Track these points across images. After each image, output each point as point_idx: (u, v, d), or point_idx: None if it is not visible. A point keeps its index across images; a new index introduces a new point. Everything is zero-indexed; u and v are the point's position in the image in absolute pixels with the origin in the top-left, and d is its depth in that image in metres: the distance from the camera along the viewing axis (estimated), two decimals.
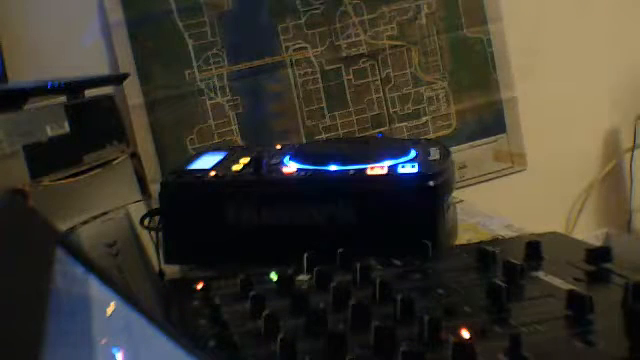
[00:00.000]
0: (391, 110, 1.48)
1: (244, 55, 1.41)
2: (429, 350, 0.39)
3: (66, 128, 0.97)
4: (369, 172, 0.62)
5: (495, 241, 0.64)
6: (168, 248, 0.66)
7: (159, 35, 1.37)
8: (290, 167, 0.66)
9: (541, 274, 0.51)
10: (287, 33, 1.43)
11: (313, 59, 1.44)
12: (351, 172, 0.63)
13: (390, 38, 1.47)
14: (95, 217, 0.90)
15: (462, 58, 1.51)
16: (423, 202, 0.61)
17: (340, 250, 0.55)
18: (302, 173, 0.64)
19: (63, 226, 0.84)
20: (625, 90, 1.59)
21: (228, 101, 1.41)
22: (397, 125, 1.49)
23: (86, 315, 0.31)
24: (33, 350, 0.24)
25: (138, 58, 1.36)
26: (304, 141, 1.41)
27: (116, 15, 1.34)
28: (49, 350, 0.25)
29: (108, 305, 0.32)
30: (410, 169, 0.62)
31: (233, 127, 1.42)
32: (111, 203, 0.97)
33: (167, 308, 0.57)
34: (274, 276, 0.53)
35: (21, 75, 1.23)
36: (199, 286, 0.53)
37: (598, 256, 0.52)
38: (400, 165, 0.64)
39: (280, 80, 1.44)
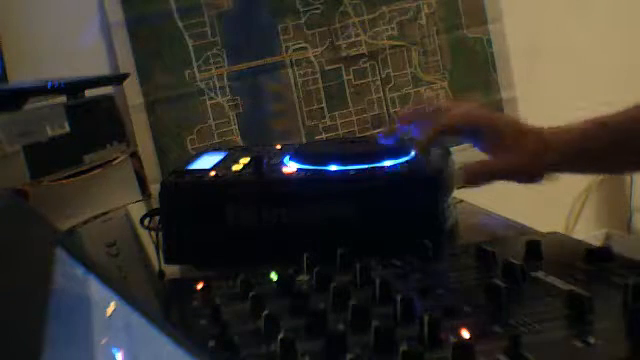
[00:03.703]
0: (391, 110, 1.48)
1: (244, 55, 1.42)
2: (429, 350, 0.39)
3: (66, 128, 0.97)
4: (369, 172, 0.62)
5: (495, 241, 0.64)
6: (168, 248, 0.65)
7: (159, 35, 1.37)
8: (290, 167, 0.66)
9: (541, 274, 0.51)
10: (287, 33, 1.43)
11: (313, 59, 1.44)
12: (351, 172, 0.63)
13: (390, 38, 1.47)
14: (95, 217, 0.90)
15: (462, 58, 1.51)
16: (423, 202, 0.61)
17: (340, 250, 0.55)
18: (302, 173, 0.64)
19: (63, 226, 0.84)
20: (625, 90, 1.59)
21: (228, 101, 1.41)
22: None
23: (86, 315, 0.31)
24: (33, 350, 0.24)
25: (138, 58, 1.36)
26: (304, 141, 1.41)
27: (116, 15, 1.34)
28: (49, 350, 0.25)
29: (108, 305, 0.32)
30: (410, 169, 0.62)
31: (233, 127, 1.42)
32: (111, 203, 0.97)
33: (167, 308, 0.57)
34: (274, 276, 0.53)
35: (21, 75, 1.23)
36: (199, 286, 0.53)
37: (598, 256, 0.52)
38: (400, 165, 0.64)
39: (280, 80, 1.44)
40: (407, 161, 0.65)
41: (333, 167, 0.64)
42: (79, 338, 0.30)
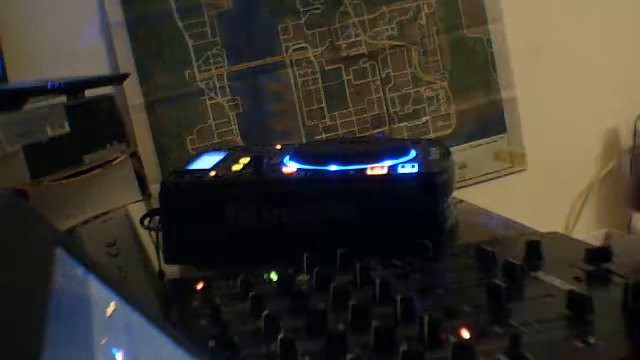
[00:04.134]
0: (391, 110, 1.48)
1: (244, 55, 1.41)
2: (429, 350, 0.39)
3: (66, 128, 0.97)
4: (369, 172, 0.62)
5: (495, 241, 0.64)
6: (168, 248, 0.65)
7: (159, 35, 1.37)
8: (290, 167, 0.66)
9: (541, 274, 0.51)
10: (287, 33, 1.43)
11: (313, 59, 1.44)
12: (351, 172, 0.63)
13: (390, 38, 1.47)
14: (95, 217, 0.90)
15: (462, 58, 1.51)
16: (423, 202, 0.61)
17: (340, 250, 0.55)
18: (302, 173, 0.64)
19: (63, 226, 0.84)
20: (625, 90, 1.59)
21: (228, 101, 1.41)
22: (397, 125, 1.49)
23: (86, 315, 0.31)
24: (33, 350, 0.24)
25: (138, 58, 1.36)
26: (304, 141, 1.41)
27: (116, 15, 1.34)
28: (49, 350, 0.25)
29: (108, 305, 0.32)
30: (410, 169, 0.62)
31: (233, 127, 1.42)
32: (111, 203, 0.97)
33: (167, 308, 0.57)
34: (274, 276, 0.53)
35: (21, 75, 1.23)
36: (199, 286, 0.53)
37: (598, 256, 0.52)
38: (400, 165, 0.64)
39: (280, 80, 1.44)
40: (407, 161, 0.65)
41: (333, 167, 0.64)
42: (79, 338, 0.30)
